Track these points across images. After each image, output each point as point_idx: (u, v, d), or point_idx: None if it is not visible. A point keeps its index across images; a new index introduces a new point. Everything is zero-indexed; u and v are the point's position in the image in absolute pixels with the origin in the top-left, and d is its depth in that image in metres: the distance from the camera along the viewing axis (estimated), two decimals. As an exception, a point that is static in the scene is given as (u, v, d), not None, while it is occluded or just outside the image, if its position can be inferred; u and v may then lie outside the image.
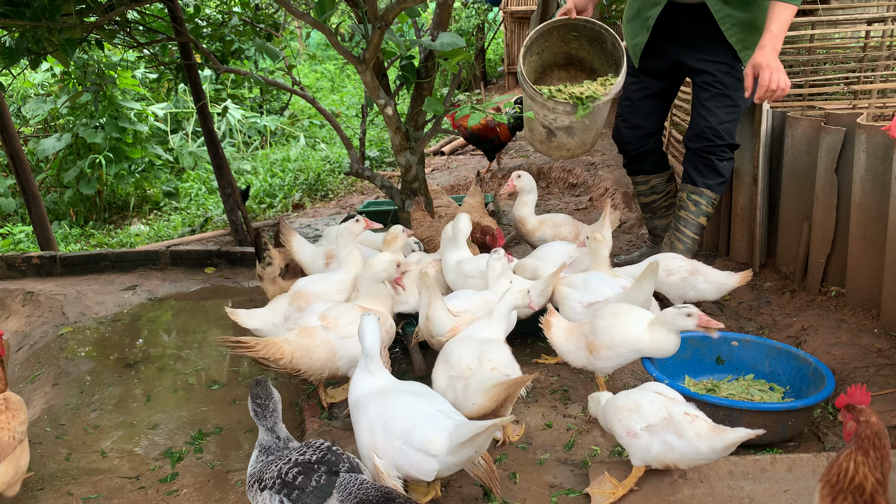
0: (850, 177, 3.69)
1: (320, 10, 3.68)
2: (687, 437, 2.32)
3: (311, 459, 2.19)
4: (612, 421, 2.47)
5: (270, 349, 2.99)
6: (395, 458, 2.30)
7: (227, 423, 3.56)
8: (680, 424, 2.34)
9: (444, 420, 2.31)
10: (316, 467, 2.17)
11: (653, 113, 4.37)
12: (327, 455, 2.22)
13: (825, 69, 5.67)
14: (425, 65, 4.43)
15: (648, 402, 2.42)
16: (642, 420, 2.39)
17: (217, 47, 6.02)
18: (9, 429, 2.51)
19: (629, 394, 2.49)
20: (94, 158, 8.90)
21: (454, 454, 2.24)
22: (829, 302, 3.89)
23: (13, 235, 8.38)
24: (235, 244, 6.21)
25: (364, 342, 2.58)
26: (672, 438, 2.34)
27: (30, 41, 4.58)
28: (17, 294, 5.31)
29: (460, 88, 13.20)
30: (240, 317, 3.49)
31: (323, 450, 2.24)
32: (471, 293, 3.32)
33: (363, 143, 4.79)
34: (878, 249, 3.56)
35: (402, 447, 2.29)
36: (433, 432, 2.27)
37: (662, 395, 2.45)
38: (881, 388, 3.07)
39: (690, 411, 2.38)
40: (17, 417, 2.62)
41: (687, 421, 2.34)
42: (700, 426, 2.33)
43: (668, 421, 2.36)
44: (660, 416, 2.37)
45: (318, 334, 3.09)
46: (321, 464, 2.18)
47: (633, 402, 2.43)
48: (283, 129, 11.84)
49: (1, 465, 2.52)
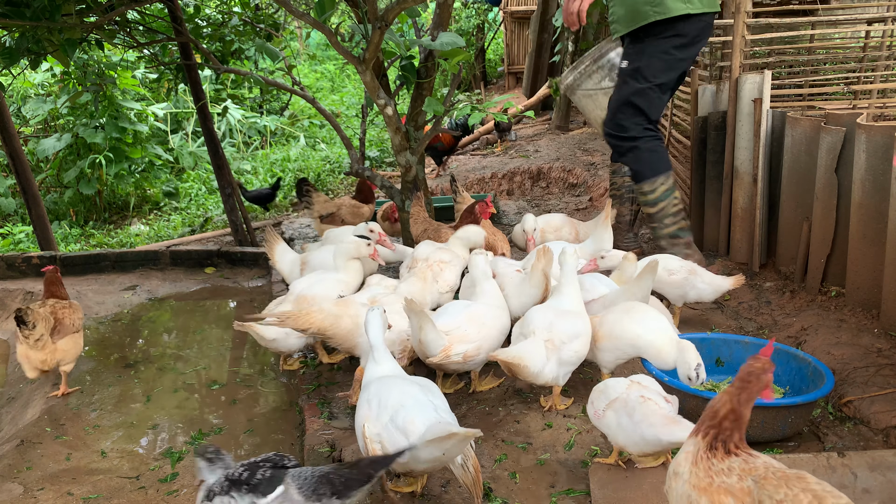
0: (850, 177, 3.69)
1: (320, 10, 3.68)
2: (634, 419, 2.34)
3: (256, 461, 2.23)
4: (588, 407, 2.58)
5: (301, 320, 3.20)
6: (381, 432, 2.42)
7: (227, 423, 3.56)
8: (631, 404, 2.36)
9: (430, 411, 2.39)
10: (260, 464, 2.21)
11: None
12: (271, 456, 2.26)
13: (825, 69, 5.68)
14: (425, 65, 4.43)
15: (615, 382, 2.51)
16: (605, 398, 2.47)
17: (217, 47, 6.03)
18: (72, 319, 3.77)
19: (605, 381, 2.59)
20: (94, 158, 8.90)
21: (422, 449, 2.29)
22: (829, 302, 3.89)
23: (13, 235, 8.38)
24: (235, 244, 6.21)
25: (369, 334, 2.69)
26: (624, 419, 2.38)
27: (30, 41, 4.58)
28: (17, 294, 5.31)
29: (460, 88, 13.20)
30: (257, 330, 3.55)
31: (267, 455, 2.28)
32: (462, 306, 3.29)
33: (363, 143, 4.80)
34: (878, 249, 3.56)
35: (388, 423, 2.40)
36: (416, 416, 2.35)
37: (637, 382, 2.49)
38: (881, 388, 3.06)
39: (647, 395, 2.38)
40: (77, 314, 3.85)
41: (638, 402, 2.35)
42: (649, 409, 2.32)
43: (625, 401, 2.39)
44: (618, 393, 2.43)
45: (353, 306, 3.31)
46: (266, 461, 2.22)
47: (603, 385, 2.54)
48: (283, 129, 11.84)
49: (67, 339, 3.70)
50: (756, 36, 4.73)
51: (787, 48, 5.66)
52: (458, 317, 3.15)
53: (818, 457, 2.49)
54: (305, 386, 3.62)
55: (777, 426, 2.76)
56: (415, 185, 4.57)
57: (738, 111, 4.37)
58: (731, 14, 4.77)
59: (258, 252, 5.78)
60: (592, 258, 3.73)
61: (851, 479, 2.43)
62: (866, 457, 2.48)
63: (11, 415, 3.82)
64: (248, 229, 6.28)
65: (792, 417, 2.78)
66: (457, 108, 3.98)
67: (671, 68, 4.01)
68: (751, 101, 4.26)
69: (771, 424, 2.73)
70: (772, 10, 6.53)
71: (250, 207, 8.18)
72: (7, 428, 3.69)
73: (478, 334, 3.09)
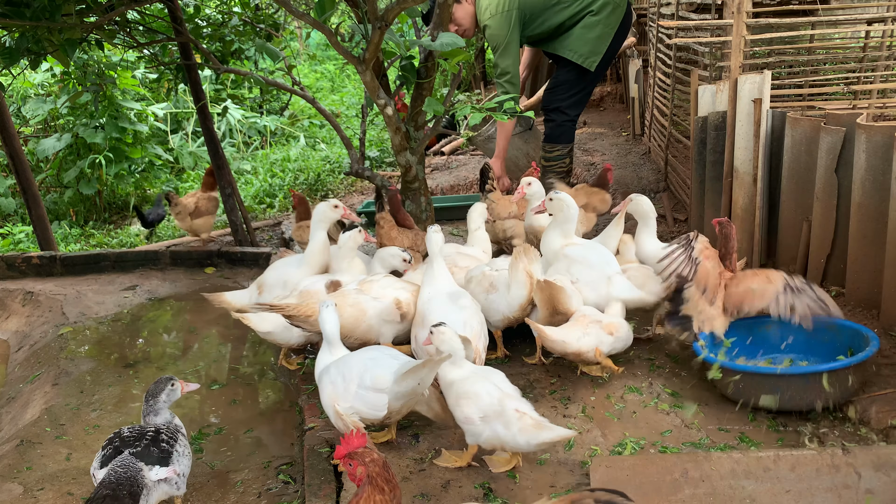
0: (850, 177, 3.69)
1: (320, 10, 3.68)
2: (511, 430, 2.62)
3: (121, 433, 2.65)
4: (454, 406, 2.75)
5: (302, 310, 3.32)
6: (353, 401, 2.79)
7: (227, 423, 3.56)
8: (509, 418, 2.63)
9: (391, 361, 2.82)
10: (109, 441, 2.62)
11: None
12: (127, 435, 2.63)
13: (825, 69, 5.68)
14: (425, 65, 4.43)
15: (486, 393, 2.68)
16: (479, 410, 2.67)
17: (217, 47, 6.02)
18: (207, 206, 5.84)
19: (473, 383, 2.73)
20: (94, 158, 8.88)
21: (399, 384, 2.73)
22: (830, 302, 3.89)
23: (13, 235, 8.37)
24: (235, 244, 6.21)
25: (325, 328, 3.03)
26: (500, 428, 2.64)
27: (30, 41, 4.58)
28: (17, 294, 5.30)
29: (460, 88, 13.19)
30: (251, 321, 3.61)
31: (136, 431, 2.66)
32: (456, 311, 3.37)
33: (363, 143, 4.79)
34: (878, 249, 3.56)
35: (357, 389, 2.78)
36: (381, 371, 2.78)
37: (499, 388, 2.71)
38: (881, 388, 3.07)
39: (520, 408, 2.65)
40: (212, 203, 5.90)
41: (515, 417, 2.63)
42: (525, 422, 2.62)
43: (500, 413, 2.64)
44: (493, 409, 2.66)
45: (351, 296, 3.46)
46: (116, 439, 2.62)
47: (475, 393, 2.70)
48: (283, 129, 11.82)
49: (201, 219, 5.99)
50: (756, 36, 4.73)
51: (787, 48, 5.66)
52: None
53: (822, 454, 2.48)
54: (305, 386, 3.62)
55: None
56: (377, 193, 4.59)
57: (737, 111, 4.37)
58: (731, 14, 4.77)
59: (258, 252, 5.78)
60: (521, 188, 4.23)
61: (855, 480, 2.43)
62: (871, 455, 2.47)
63: (11, 415, 3.82)
64: (248, 229, 6.27)
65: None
66: (457, 108, 3.97)
67: None
68: (751, 101, 4.26)
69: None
70: (772, 10, 6.53)
71: (250, 208, 8.18)
72: (7, 428, 3.69)
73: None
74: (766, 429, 2.99)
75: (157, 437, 2.64)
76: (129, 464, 2.49)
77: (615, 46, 5.41)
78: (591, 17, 5.23)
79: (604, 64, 5.41)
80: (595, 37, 5.26)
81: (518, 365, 3.67)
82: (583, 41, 5.26)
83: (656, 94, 6.94)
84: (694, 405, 3.16)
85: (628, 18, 5.43)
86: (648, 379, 3.42)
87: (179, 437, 2.74)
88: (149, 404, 2.80)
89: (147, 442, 2.60)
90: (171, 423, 2.81)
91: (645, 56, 8.38)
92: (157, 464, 2.56)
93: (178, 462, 2.63)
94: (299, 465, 3.10)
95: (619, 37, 5.42)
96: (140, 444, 2.59)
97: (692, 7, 7.02)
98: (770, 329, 3.39)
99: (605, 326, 3.33)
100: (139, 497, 2.42)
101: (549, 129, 5.61)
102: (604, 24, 5.25)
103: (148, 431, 2.66)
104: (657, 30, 6.89)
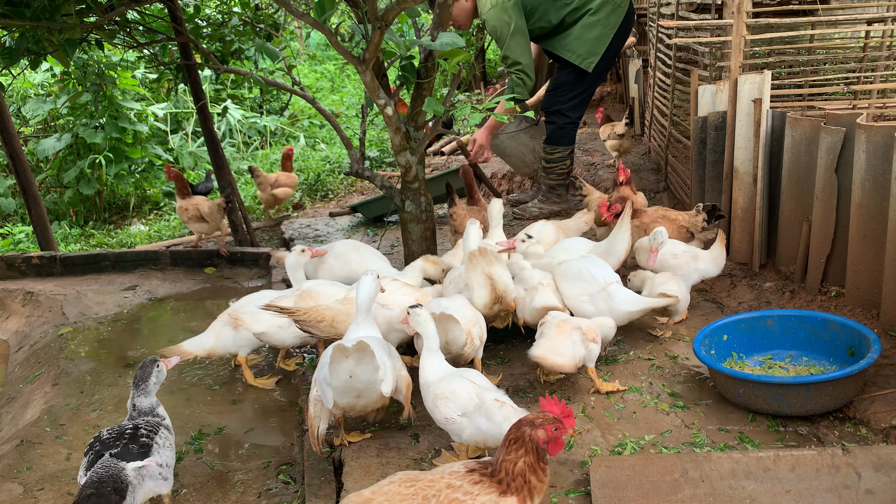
0: (850, 177, 3.69)
1: (320, 10, 3.67)
2: (495, 420, 2.59)
3: (100, 436, 2.66)
4: (433, 409, 2.75)
5: (312, 314, 3.33)
6: (316, 390, 2.92)
7: (227, 423, 3.56)
8: (490, 409, 2.62)
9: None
10: (90, 446, 2.64)
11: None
12: (107, 438, 2.65)
13: (825, 69, 5.68)
14: (425, 65, 4.42)
15: (462, 390, 2.69)
16: (458, 408, 2.67)
17: (217, 47, 6.02)
18: (287, 181, 7.22)
19: (448, 383, 2.74)
20: (94, 158, 8.89)
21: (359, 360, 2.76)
22: (829, 302, 3.89)
23: (13, 235, 8.37)
24: (235, 244, 6.21)
25: (358, 296, 3.08)
26: (482, 421, 2.62)
27: (30, 41, 4.58)
28: (17, 294, 5.31)
29: (460, 89, 13.20)
30: (245, 321, 3.64)
31: (115, 432, 2.68)
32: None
33: (363, 143, 4.79)
34: (878, 249, 3.56)
35: (321, 380, 2.88)
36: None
37: (475, 382, 2.71)
38: (881, 388, 3.07)
39: (499, 398, 2.65)
40: (291, 179, 7.31)
41: (496, 406, 2.62)
42: (507, 411, 2.61)
43: (480, 406, 2.63)
44: (473, 403, 2.65)
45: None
46: (97, 443, 2.63)
47: (451, 392, 2.69)
48: (283, 129, 11.82)
49: (281, 189, 7.14)
50: (756, 36, 4.73)
51: (787, 48, 5.66)
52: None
53: (821, 454, 2.48)
54: (305, 386, 3.62)
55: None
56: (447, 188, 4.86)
57: (737, 111, 4.37)
58: (731, 14, 4.77)
59: (258, 252, 5.78)
60: (513, 238, 4.06)
61: (855, 480, 2.43)
62: (871, 455, 2.47)
63: (11, 415, 3.82)
64: (248, 229, 6.27)
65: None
66: (457, 108, 3.97)
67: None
68: (750, 101, 4.26)
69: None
70: (772, 10, 6.52)
71: (250, 208, 8.18)
72: (7, 428, 3.69)
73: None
74: (766, 429, 2.99)
75: (135, 433, 2.66)
76: (109, 465, 2.52)
77: (615, 48, 5.40)
78: (590, 16, 5.22)
79: (603, 65, 5.40)
80: (594, 37, 5.25)
81: (518, 365, 3.67)
82: (581, 41, 5.26)
83: (656, 94, 6.94)
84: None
85: (629, 19, 5.43)
86: (648, 379, 3.42)
87: (161, 429, 2.75)
88: (139, 388, 2.84)
89: (125, 441, 2.62)
90: (155, 410, 2.85)
91: (645, 56, 8.37)
92: (138, 459, 2.58)
93: (158, 453, 2.64)
94: (299, 465, 3.10)
95: (620, 38, 5.41)
96: (119, 444, 2.61)
97: (692, 7, 7.02)
98: (770, 324, 3.48)
99: (586, 332, 3.28)
100: (125, 492, 2.43)
101: (550, 131, 5.62)
102: (603, 25, 5.25)
103: (126, 430, 2.68)
104: (657, 30, 6.88)
